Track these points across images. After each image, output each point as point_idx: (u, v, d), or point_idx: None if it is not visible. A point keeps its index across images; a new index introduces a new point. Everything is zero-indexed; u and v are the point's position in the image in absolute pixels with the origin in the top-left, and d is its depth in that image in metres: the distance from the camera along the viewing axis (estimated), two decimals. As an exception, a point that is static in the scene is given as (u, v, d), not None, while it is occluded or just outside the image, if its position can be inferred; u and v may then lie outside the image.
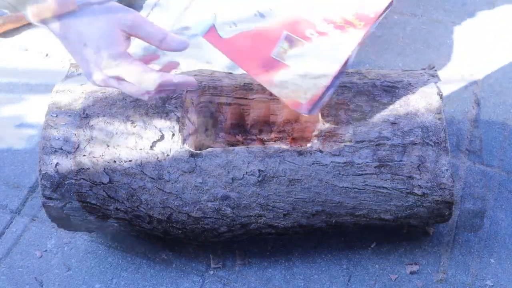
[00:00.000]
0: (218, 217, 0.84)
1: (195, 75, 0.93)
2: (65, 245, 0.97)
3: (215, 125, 0.97)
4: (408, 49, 1.24)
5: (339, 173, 0.83)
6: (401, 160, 0.84)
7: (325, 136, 0.92)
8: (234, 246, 0.96)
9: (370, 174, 0.84)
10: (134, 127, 0.85)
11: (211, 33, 0.79)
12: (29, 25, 1.28)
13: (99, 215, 0.86)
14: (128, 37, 0.72)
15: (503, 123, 1.11)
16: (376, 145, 0.84)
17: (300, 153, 0.84)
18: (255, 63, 0.79)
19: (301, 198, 0.84)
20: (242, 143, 0.96)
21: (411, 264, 0.94)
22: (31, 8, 0.68)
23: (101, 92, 0.88)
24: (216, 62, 1.20)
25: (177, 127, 0.85)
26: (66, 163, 0.84)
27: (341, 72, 0.81)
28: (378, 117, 0.86)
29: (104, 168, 0.84)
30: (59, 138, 0.85)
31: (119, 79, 0.72)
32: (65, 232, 0.98)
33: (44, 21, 0.69)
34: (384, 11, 0.81)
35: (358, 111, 0.86)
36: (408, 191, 0.84)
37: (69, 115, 0.86)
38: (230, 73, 0.95)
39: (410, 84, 0.89)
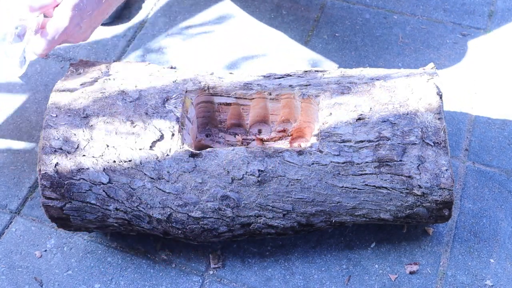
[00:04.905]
0: (218, 217, 0.84)
1: (195, 75, 0.93)
2: (64, 245, 0.97)
3: (215, 125, 0.97)
4: (408, 49, 1.24)
5: (339, 173, 0.83)
6: (400, 160, 0.84)
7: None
8: (234, 246, 0.96)
9: (369, 174, 0.84)
10: (134, 127, 0.85)
11: None
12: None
13: (98, 215, 0.86)
14: None
15: (503, 123, 1.11)
16: (376, 145, 0.84)
17: (300, 153, 0.84)
18: None
19: (300, 198, 0.84)
20: (242, 143, 0.96)
21: (411, 264, 0.94)
22: None
23: (101, 92, 0.88)
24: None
25: (176, 127, 0.85)
26: (65, 163, 0.84)
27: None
28: (378, 117, 0.86)
29: (104, 168, 0.84)
30: (58, 138, 0.85)
31: None
32: (65, 232, 0.98)
33: None
34: None
35: (358, 111, 0.86)
36: (407, 191, 0.84)
37: (69, 115, 0.86)
38: (230, 73, 0.95)
39: (409, 84, 0.89)
